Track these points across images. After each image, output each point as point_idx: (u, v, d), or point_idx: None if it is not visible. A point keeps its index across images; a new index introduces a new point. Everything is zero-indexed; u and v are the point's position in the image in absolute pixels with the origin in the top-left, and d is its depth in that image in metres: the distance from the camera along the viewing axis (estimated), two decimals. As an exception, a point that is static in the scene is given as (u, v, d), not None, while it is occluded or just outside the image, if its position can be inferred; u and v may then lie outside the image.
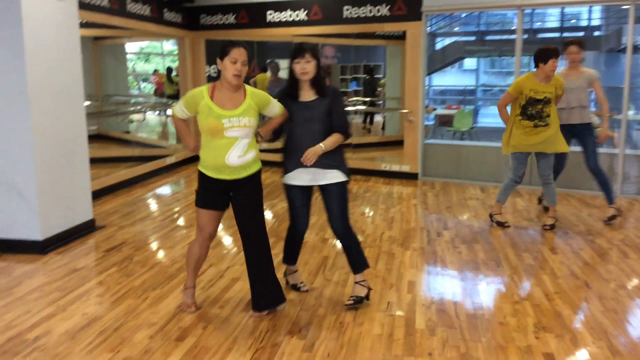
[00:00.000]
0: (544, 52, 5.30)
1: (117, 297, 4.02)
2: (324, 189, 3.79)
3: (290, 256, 4.14)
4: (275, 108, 3.66)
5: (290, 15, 8.87)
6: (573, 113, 5.82)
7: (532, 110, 5.40)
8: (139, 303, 3.91)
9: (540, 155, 5.61)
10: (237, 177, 3.54)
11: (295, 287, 4.16)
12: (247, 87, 3.58)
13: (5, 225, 4.99)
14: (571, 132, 5.83)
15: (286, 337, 3.42)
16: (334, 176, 3.73)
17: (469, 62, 24.47)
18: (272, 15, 8.96)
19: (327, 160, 3.69)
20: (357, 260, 3.88)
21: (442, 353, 3.25)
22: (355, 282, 3.89)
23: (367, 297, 3.88)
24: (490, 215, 5.94)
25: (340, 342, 3.36)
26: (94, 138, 10.19)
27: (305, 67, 3.60)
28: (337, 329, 3.53)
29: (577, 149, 6.08)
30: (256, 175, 3.64)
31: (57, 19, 5.15)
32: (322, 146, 3.63)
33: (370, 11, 8.36)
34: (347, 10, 8.48)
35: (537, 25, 21.87)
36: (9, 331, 3.47)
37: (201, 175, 3.60)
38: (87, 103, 9.35)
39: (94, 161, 5.96)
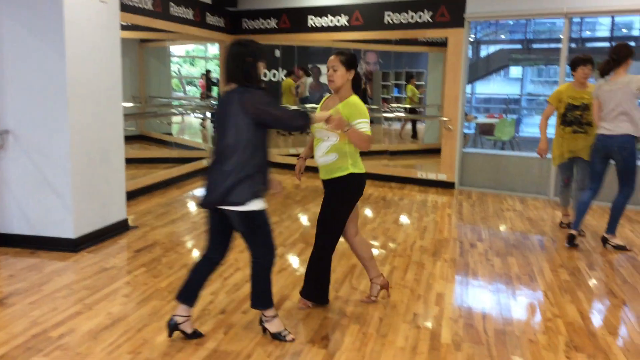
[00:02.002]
0: (573, 61, 5.66)
1: (142, 297, 4.04)
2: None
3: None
4: (357, 127, 3.53)
5: (332, 21, 8.85)
6: None
7: (570, 116, 5.67)
8: (163, 305, 3.91)
9: (579, 160, 5.78)
10: (322, 178, 3.76)
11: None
12: (351, 97, 3.63)
13: (40, 222, 5.08)
14: None
15: (307, 346, 3.36)
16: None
17: (515, 71, 24.03)
18: (313, 21, 8.96)
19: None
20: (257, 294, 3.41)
21: (466, 369, 3.15)
22: (263, 317, 3.44)
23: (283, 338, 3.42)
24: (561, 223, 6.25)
25: (362, 353, 3.29)
26: (135, 138, 10.37)
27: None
28: (359, 339, 3.46)
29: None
30: (337, 182, 3.68)
31: (99, 20, 5.23)
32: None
33: (412, 17, 8.27)
34: (389, 16, 8.41)
35: (587, 34, 21.34)
36: (34, 328, 3.52)
37: None
38: (130, 104, 9.54)
39: (134, 161, 6.01)
